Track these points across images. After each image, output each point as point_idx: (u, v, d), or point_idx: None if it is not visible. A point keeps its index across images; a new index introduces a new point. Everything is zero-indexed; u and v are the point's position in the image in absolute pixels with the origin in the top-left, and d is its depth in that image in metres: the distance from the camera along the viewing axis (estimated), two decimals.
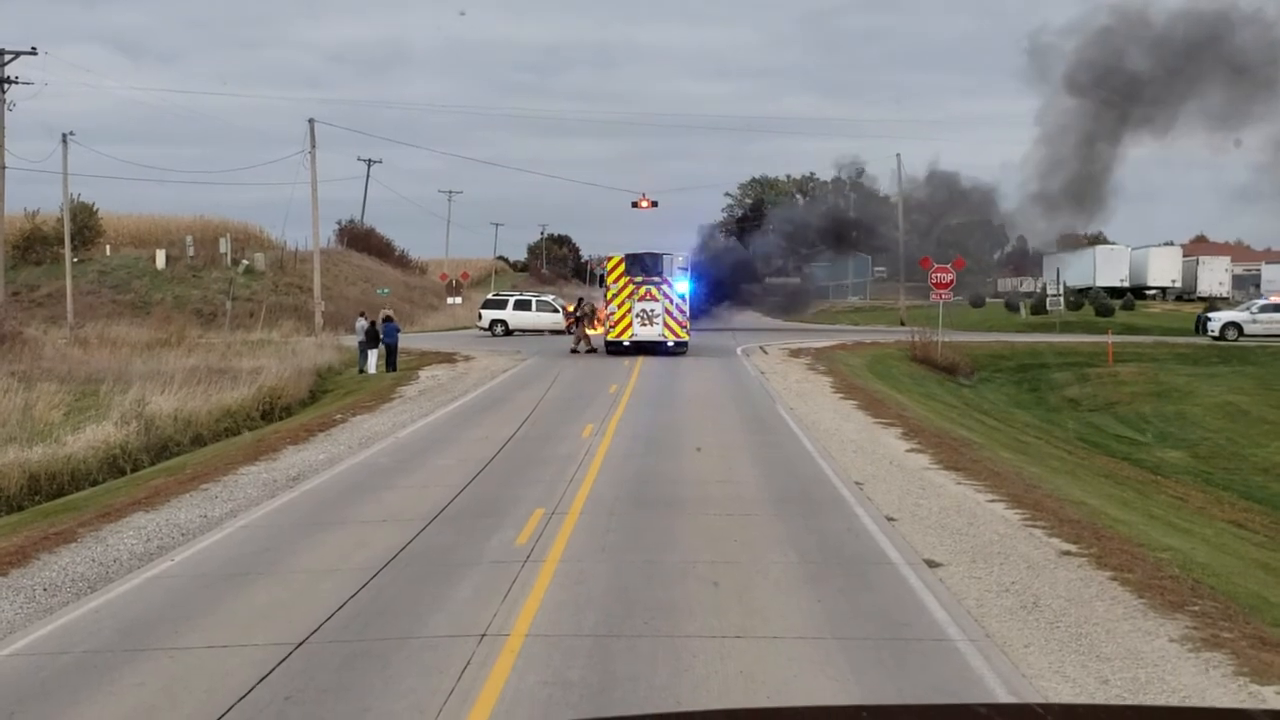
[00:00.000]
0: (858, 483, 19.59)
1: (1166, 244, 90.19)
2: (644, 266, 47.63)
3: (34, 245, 79.98)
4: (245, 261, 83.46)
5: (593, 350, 49.07)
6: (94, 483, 23.72)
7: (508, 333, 62.84)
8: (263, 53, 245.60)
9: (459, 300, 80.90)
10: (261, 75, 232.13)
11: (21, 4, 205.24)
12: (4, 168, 59.76)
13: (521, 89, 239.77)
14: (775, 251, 78.82)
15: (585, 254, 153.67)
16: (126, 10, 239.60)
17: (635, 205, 70.60)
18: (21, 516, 20.17)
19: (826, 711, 2.03)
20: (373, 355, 43.70)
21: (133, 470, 24.96)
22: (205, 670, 10.71)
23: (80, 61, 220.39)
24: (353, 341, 46.69)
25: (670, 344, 47.00)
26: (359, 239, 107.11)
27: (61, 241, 70.11)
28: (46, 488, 22.80)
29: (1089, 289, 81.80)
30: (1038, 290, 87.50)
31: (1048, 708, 2.17)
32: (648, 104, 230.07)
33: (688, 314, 48.00)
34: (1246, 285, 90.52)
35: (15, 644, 11.70)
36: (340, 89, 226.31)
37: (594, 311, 52.15)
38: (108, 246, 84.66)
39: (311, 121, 65.20)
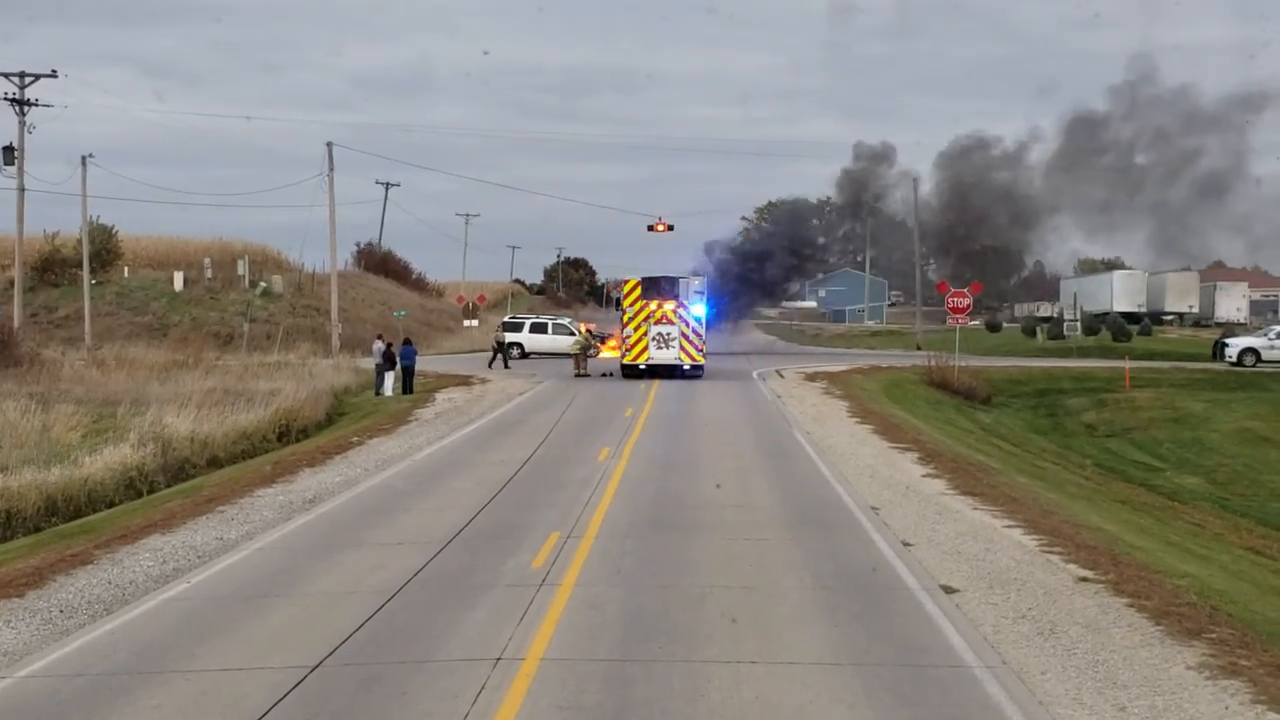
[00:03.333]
0: (874, 507, 19.56)
1: (1184, 269, 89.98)
2: (660, 290, 47.66)
3: (53, 267, 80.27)
4: (263, 284, 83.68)
5: (587, 375, 49.10)
6: (110, 505, 23.77)
7: (524, 355, 62.91)
8: (287, 77, 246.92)
9: (475, 323, 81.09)
10: (285, 99, 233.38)
11: (49, 28, 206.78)
12: (24, 189, 60.15)
13: (543, 113, 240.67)
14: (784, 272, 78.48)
15: (601, 277, 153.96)
16: (154, 35, 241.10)
17: (652, 229, 70.76)
18: (38, 538, 20.22)
19: None
20: (389, 378, 43.77)
21: (149, 492, 25.02)
22: (221, 693, 10.71)
23: (107, 84, 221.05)
24: (369, 364, 46.81)
25: (686, 367, 46.98)
26: (376, 262, 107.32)
27: (80, 263, 70.44)
28: (63, 509, 22.85)
29: (1106, 314, 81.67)
30: (1055, 315, 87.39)
31: None
32: (667, 128, 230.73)
33: (704, 337, 48.02)
34: (1264, 311, 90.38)
35: (31, 666, 11.72)
36: (364, 113, 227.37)
37: (585, 340, 52.63)
38: (126, 268, 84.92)
39: (329, 145, 65.65)
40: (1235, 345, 60.82)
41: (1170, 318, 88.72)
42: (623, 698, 10.31)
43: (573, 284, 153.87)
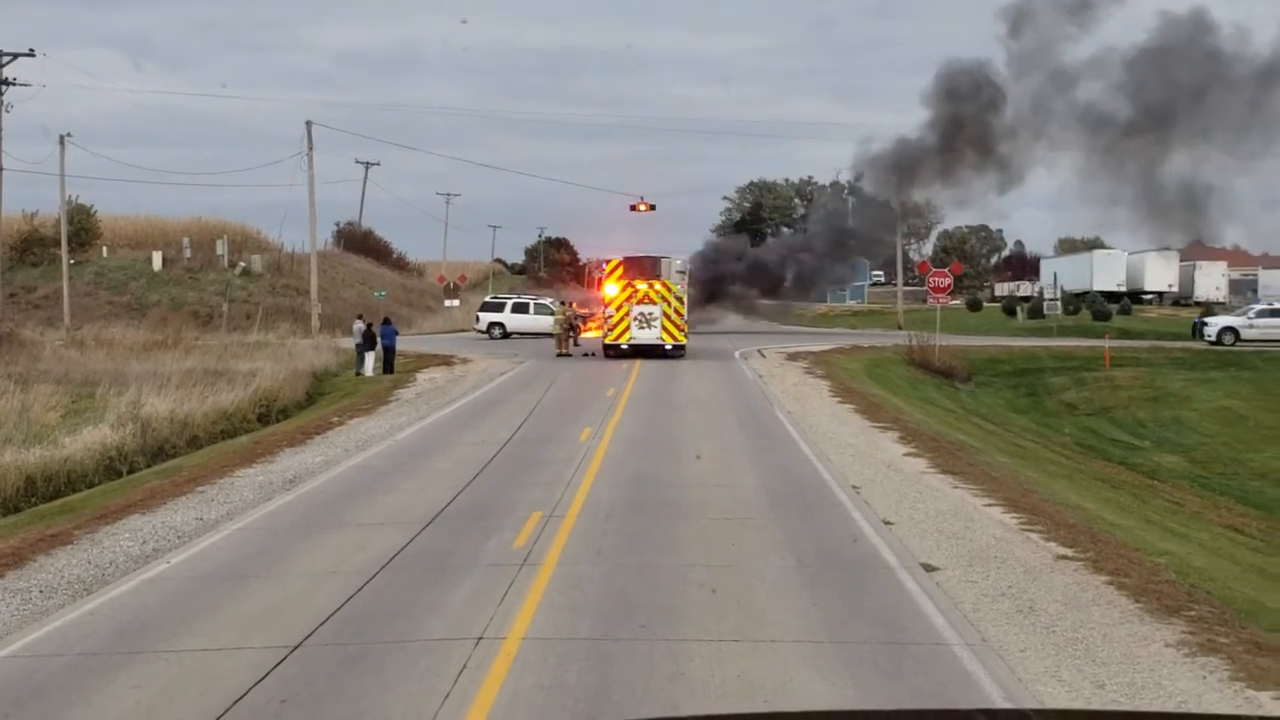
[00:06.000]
0: (855, 486, 19.60)
1: (1163, 249, 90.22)
2: (642, 269, 47.66)
3: (31, 247, 79.92)
4: (242, 263, 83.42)
5: (569, 355, 49.21)
6: (90, 485, 23.69)
7: (505, 335, 62.83)
8: (271, 56, 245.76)
9: (456, 303, 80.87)
10: (269, 79, 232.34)
11: (30, 7, 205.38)
12: (1, 169, 59.80)
13: (529, 92, 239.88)
14: (775, 263, 77.22)
15: (583, 257, 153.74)
16: (136, 14, 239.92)
17: (633, 208, 70.73)
18: (18, 518, 20.14)
19: (820, 717, 2.00)
20: (370, 358, 43.68)
21: (129, 472, 24.94)
22: (201, 673, 10.69)
23: (91, 64, 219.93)
24: (349, 344, 46.71)
25: (668, 347, 46.98)
26: (356, 241, 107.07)
27: (59, 243, 70.11)
28: (43, 490, 22.78)
29: (1086, 293, 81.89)
30: (1035, 294, 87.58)
31: (1043, 714, 2.13)
32: (652, 108, 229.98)
33: (686, 317, 48.01)
34: (1243, 290, 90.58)
35: (11, 646, 11.69)
36: (349, 92, 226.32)
37: (572, 317, 52.76)
38: (105, 248, 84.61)
39: (309, 124, 65.38)
40: (1214, 324, 61.03)
41: (1150, 297, 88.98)
42: (605, 676, 10.32)
43: (554, 264, 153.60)
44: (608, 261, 49.29)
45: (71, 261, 70.54)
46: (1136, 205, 66.87)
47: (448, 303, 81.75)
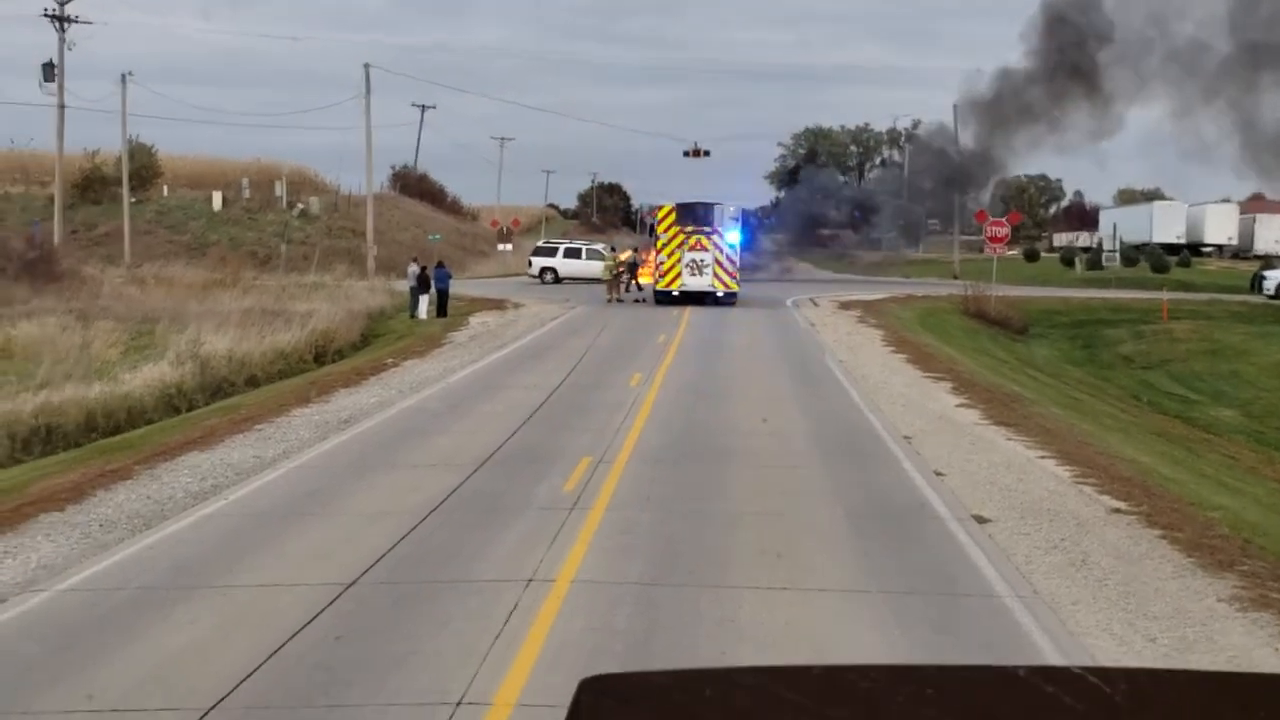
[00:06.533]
0: (906, 436, 19.54)
1: (1223, 201, 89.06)
2: (695, 216, 47.50)
3: (93, 185, 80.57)
4: (300, 205, 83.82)
5: (620, 300, 49.27)
6: (149, 421, 23.97)
7: (557, 280, 62.91)
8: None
9: (509, 247, 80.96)
10: (324, 19, 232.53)
11: None
12: (64, 106, 60.31)
13: (582, 34, 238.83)
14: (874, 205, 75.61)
15: (636, 203, 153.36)
16: None
17: (687, 154, 70.49)
18: (79, 453, 20.42)
19: (867, 669, 2.00)
20: (424, 300, 43.91)
21: (188, 410, 25.23)
22: (257, 608, 10.85)
23: (145, 3, 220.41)
24: (404, 286, 46.95)
25: (720, 294, 46.92)
26: (412, 184, 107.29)
27: (120, 181, 70.66)
28: (103, 425, 23.06)
29: (1145, 245, 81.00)
30: (1094, 245, 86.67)
31: (1107, 673, 2.11)
32: (707, 51, 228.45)
33: (738, 264, 47.89)
34: None
35: (71, 579, 11.88)
36: (403, 34, 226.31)
37: (626, 263, 52.90)
38: (165, 187, 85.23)
39: (367, 67, 65.63)
40: (1273, 278, 60.28)
41: (1209, 249, 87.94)
42: (652, 621, 10.39)
43: (607, 209, 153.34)
44: (660, 207, 49.18)
45: (132, 200, 71.11)
46: (1243, 150, 64.26)
47: (501, 247, 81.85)
